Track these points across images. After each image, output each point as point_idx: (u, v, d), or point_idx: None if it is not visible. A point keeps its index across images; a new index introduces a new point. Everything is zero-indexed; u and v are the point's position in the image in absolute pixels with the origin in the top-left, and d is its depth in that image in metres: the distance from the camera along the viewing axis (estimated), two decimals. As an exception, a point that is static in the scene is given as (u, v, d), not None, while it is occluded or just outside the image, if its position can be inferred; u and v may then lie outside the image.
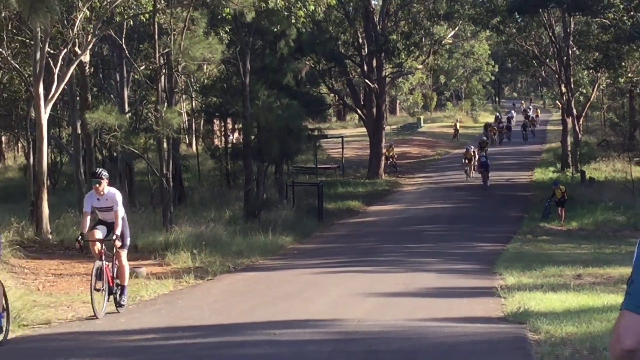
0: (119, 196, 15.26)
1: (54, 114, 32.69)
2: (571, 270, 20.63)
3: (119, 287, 15.53)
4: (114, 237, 14.36)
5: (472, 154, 44.76)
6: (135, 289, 18.79)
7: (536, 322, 13.13)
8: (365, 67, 48.20)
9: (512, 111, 72.15)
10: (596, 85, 53.13)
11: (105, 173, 14.98)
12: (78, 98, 32.61)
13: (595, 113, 64.62)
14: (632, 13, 41.01)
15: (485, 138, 50.15)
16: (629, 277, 3.21)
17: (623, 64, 45.80)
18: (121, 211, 15.09)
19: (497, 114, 72.74)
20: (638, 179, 44.65)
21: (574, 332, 12.32)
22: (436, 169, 48.64)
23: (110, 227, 14.94)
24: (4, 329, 11.19)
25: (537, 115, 72.59)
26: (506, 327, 13.68)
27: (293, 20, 31.86)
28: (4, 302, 11.36)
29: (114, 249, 15.36)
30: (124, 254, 14.65)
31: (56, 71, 27.64)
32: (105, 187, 14.43)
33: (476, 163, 44.90)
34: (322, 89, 48.16)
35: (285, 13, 30.68)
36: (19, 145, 53.05)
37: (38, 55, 27.04)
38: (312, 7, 31.92)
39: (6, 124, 43.03)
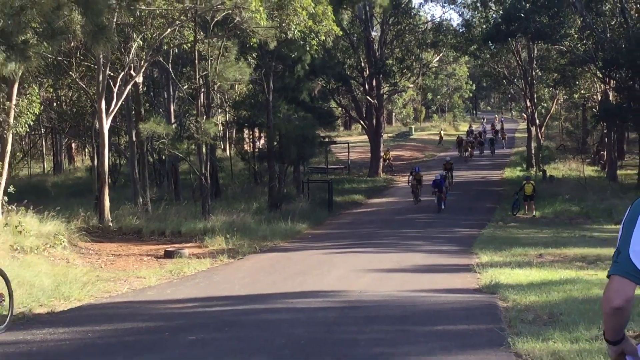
0: None
1: (113, 125, 33.63)
2: (534, 251, 21.42)
3: None
4: None
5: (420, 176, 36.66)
6: (179, 267, 19.77)
7: (505, 292, 13.65)
8: (367, 86, 50.32)
9: (483, 126, 72.69)
10: (555, 100, 57.29)
11: None
12: (133, 112, 33.79)
13: (554, 123, 67.53)
14: (584, 41, 42.22)
15: (449, 159, 43.42)
16: (616, 249, 3.35)
17: (577, 82, 48.22)
18: None
19: (470, 127, 71.01)
20: (589, 176, 45.96)
21: (536, 300, 12.68)
22: (425, 168, 48.56)
23: None
24: (8, 313, 10.57)
25: (501, 128, 70.69)
26: (481, 297, 14.11)
27: (307, 48, 32.50)
28: (6, 288, 10.73)
29: None
30: None
31: (115, 90, 28.87)
32: None
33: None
34: (331, 104, 50.04)
35: (301, 42, 31.33)
36: (86, 150, 54.48)
37: (100, 77, 28.17)
38: (322, 37, 32.50)
39: (75, 133, 44.65)
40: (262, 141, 45.66)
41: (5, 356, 10.71)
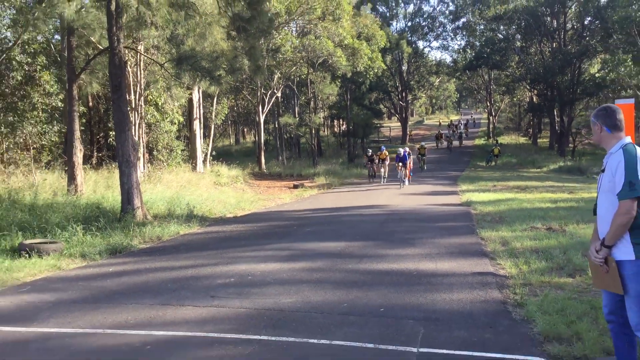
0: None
1: (266, 118, 37.83)
2: (491, 183, 24.79)
3: None
4: None
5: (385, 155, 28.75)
6: (301, 193, 23.83)
7: (475, 205, 15.78)
8: (399, 96, 62.49)
9: (460, 122, 78.31)
10: (503, 101, 70.42)
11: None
12: (276, 111, 39.21)
13: (502, 114, 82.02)
14: (519, 69, 51.75)
15: (423, 144, 37.33)
16: (627, 181, 3.73)
17: (515, 92, 62.31)
18: None
19: (451, 122, 75.91)
20: (521, 143, 55.90)
21: (491, 210, 14.65)
22: (431, 140, 58.53)
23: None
24: None
25: (466, 125, 73.75)
26: (462, 208, 15.90)
27: (368, 76, 38.37)
28: None
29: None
30: None
31: (266, 100, 34.15)
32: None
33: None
34: (380, 106, 60.62)
35: (364, 72, 36.68)
36: (251, 132, 66.31)
37: (259, 94, 33.75)
38: (376, 70, 37.79)
39: (246, 123, 55.07)
40: (344, 126, 53.62)
41: (213, 237, 12.13)
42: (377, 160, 29.16)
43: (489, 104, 67.51)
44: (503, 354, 4.80)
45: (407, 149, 27.49)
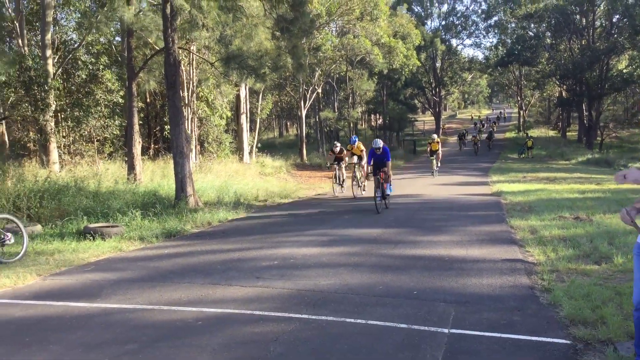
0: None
1: (307, 113, 37.33)
2: (521, 174, 24.64)
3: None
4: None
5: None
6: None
7: (505, 195, 15.63)
8: (433, 91, 61.19)
9: (488, 119, 75.74)
10: (534, 96, 68.57)
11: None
12: (317, 106, 39.30)
13: (532, 108, 76.42)
14: (549, 65, 49.98)
15: (434, 136, 26.61)
16: None
17: (545, 87, 62.33)
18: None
19: (477, 121, 71.83)
20: (551, 136, 54.91)
21: (521, 199, 14.39)
22: (469, 132, 58.16)
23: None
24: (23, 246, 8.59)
25: (493, 122, 70.28)
26: (492, 198, 15.77)
27: (403, 73, 38.06)
28: (21, 227, 8.79)
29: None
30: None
31: (308, 95, 34.29)
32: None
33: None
34: (415, 101, 60.49)
35: (400, 69, 36.43)
36: (294, 126, 65.09)
37: (300, 90, 33.95)
38: (411, 67, 37.40)
39: (289, 117, 55.08)
40: (380, 120, 53.71)
41: (259, 223, 12.20)
42: (346, 159, 18.51)
43: (519, 99, 66.99)
44: (530, 336, 4.75)
45: (381, 142, 14.13)
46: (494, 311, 5.39)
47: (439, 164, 25.17)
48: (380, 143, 13.85)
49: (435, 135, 26.10)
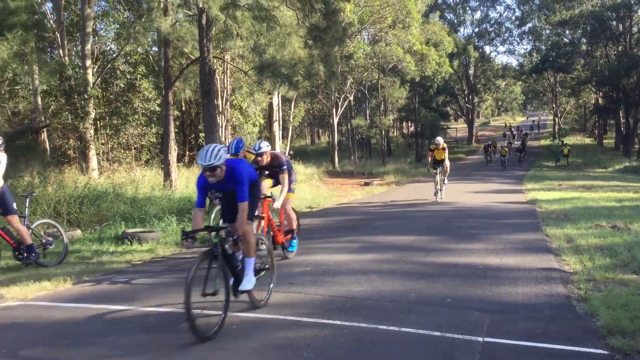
0: None
1: (339, 120, 37.39)
2: (556, 182, 24.29)
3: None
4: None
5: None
6: (371, 190, 23.87)
7: (540, 203, 15.37)
8: (466, 98, 61.32)
9: (520, 129, 71.14)
10: (569, 103, 66.73)
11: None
12: (349, 114, 39.45)
13: (568, 115, 77.72)
14: (585, 72, 48.71)
15: (439, 140, 15.98)
16: None
17: (580, 94, 59.55)
18: None
19: (509, 131, 67.27)
20: (587, 144, 53.71)
21: (557, 208, 14.14)
22: (497, 140, 56.24)
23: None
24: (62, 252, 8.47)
25: (525, 134, 61.95)
26: (527, 206, 15.46)
27: (436, 80, 37.97)
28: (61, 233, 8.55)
29: None
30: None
31: (340, 103, 34.61)
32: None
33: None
34: (447, 108, 59.82)
35: (432, 77, 36.45)
36: (326, 133, 65.52)
37: (333, 97, 34.38)
38: (443, 74, 37.53)
39: (321, 124, 55.14)
40: (412, 128, 53.86)
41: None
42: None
43: (554, 106, 65.84)
44: (566, 346, 4.65)
45: (286, 154, 14.36)
46: (529, 320, 5.30)
47: (446, 180, 18.42)
48: (440, 140, 17.53)
49: (440, 139, 18.08)
